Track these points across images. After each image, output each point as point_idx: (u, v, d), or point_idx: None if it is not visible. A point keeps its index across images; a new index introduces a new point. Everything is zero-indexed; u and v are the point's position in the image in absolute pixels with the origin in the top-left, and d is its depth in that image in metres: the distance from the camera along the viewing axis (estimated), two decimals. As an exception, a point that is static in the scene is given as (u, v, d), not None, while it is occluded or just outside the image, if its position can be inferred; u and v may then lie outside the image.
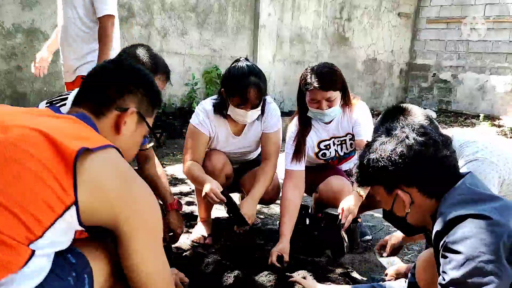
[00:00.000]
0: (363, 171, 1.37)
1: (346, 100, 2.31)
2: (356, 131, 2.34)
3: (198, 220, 2.52)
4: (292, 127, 2.41)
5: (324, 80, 2.17)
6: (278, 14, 6.58)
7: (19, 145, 0.96)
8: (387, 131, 1.36)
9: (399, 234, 2.05)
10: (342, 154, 2.48)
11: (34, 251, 0.92)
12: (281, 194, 2.34)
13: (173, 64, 5.54)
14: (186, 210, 2.83)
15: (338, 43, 7.61)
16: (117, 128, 1.19)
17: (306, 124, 2.37)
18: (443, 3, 8.26)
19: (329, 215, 2.28)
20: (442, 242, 1.19)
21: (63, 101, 1.78)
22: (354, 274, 2.10)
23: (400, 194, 1.29)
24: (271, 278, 1.88)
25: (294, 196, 2.27)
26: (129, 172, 1.10)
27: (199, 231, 2.44)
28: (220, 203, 2.15)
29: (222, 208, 2.85)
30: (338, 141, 2.44)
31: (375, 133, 1.77)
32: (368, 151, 1.35)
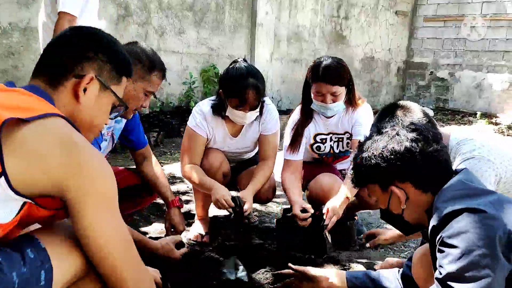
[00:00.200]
0: (358, 171, 1.40)
1: (351, 98, 2.32)
2: (355, 131, 2.35)
3: (195, 218, 2.53)
4: (294, 115, 2.44)
5: (331, 74, 2.18)
6: (275, 13, 6.58)
7: None
8: (378, 130, 1.40)
9: (394, 232, 2.06)
10: (337, 151, 2.49)
11: None
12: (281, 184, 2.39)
13: (170, 63, 5.53)
14: (184, 209, 2.82)
15: (336, 41, 7.62)
16: (76, 96, 1.16)
17: (308, 116, 2.39)
18: (440, 1, 8.27)
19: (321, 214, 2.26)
20: (438, 237, 1.20)
21: None
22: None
23: (395, 190, 1.31)
24: (268, 276, 1.90)
25: (293, 179, 2.34)
26: (74, 139, 1.04)
27: (197, 229, 2.44)
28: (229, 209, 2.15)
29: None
30: (335, 137, 2.45)
31: (370, 130, 1.79)
32: (360, 151, 1.38)
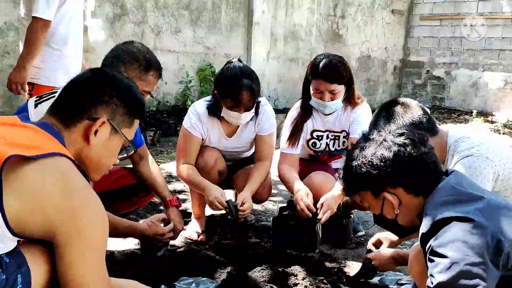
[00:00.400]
0: (349, 180, 1.40)
1: (350, 97, 2.32)
2: (352, 129, 2.35)
3: (192, 217, 2.53)
4: (293, 110, 2.44)
5: (330, 72, 2.17)
6: (272, 12, 6.58)
7: None
8: (364, 137, 1.39)
9: (392, 236, 2.04)
10: (333, 149, 2.49)
11: None
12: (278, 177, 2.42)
13: (167, 62, 5.52)
14: (180, 208, 2.83)
15: (332, 40, 7.63)
16: (86, 137, 1.18)
17: (307, 112, 2.39)
18: (436, 0, 8.30)
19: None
20: (427, 246, 1.21)
21: (53, 95, 1.75)
22: (347, 269, 2.12)
23: (387, 196, 1.31)
24: (264, 274, 1.90)
25: (291, 170, 2.36)
26: (74, 183, 1.04)
27: (193, 228, 2.44)
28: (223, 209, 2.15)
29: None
30: (332, 135, 2.45)
31: (370, 127, 1.79)
32: (349, 160, 1.38)
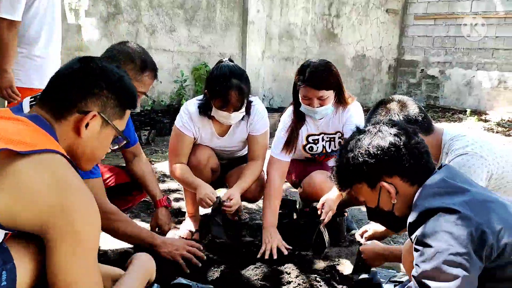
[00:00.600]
0: (343, 173, 1.40)
1: (340, 98, 2.32)
2: (346, 130, 2.34)
3: (186, 216, 2.53)
4: (286, 117, 2.42)
5: (317, 79, 2.16)
6: (266, 11, 6.59)
7: None
8: (358, 130, 1.41)
9: (378, 227, 2.06)
10: (329, 151, 2.49)
11: None
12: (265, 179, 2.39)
13: (161, 61, 5.52)
14: (174, 206, 2.83)
15: (327, 39, 7.64)
16: (77, 130, 1.17)
17: (301, 118, 2.38)
18: (431, -1, 8.34)
19: (315, 210, 2.30)
20: (413, 236, 1.23)
21: None
22: (340, 267, 2.13)
23: (385, 185, 1.32)
24: (257, 272, 1.90)
25: (278, 185, 2.33)
26: (67, 180, 1.03)
27: (187, 226, 2.45)
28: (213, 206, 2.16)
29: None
30: (327, 137, 2.46)
31: (365, 123, 1.80)
32: (344, 152, 1.39)
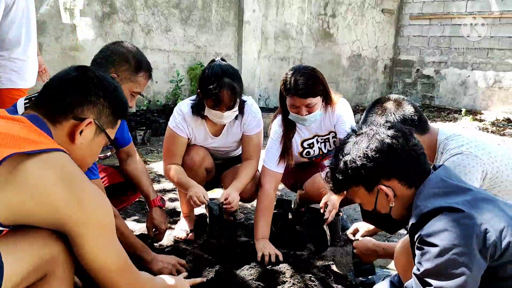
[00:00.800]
0: (340, 176, 1.36)
1: (328, 100, 2.30)
2: (339, 129, 2.34)
3: (180, 216, 2.53)
4: (276, 127, 2.37)
5: (303, 88, 2.13)
6: (262, 10, 6.58)
7: None
8: (354, 132, 1.38)
9: (371, 250, 2.02)
10: (325, 151, 2.49)
11: None
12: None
13: (157, 61, 5.50)
14: (169, 207, 2.83)
15: (323, 39, 7.65)
16: (72, 137, 1.19)
17: (291, 126, 2.35)
18: (426, -1, 8.37)
19: (312, 209, 2.31)
20: (417, 235, 1.22)
21: None
22: (335, 267, 2.13)
23: (383, 188, 1.30)
24: (252, 272, 1.90)
25: (273, 197, 2.30)
26: (76, 175, 1.10)
27: (182, 226, 2.44)
28: (204, 206, 2.17)
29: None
30: (321, 139, 2.45)
31: (361, 123, 1.80)
32: (341, 155, 1.35)
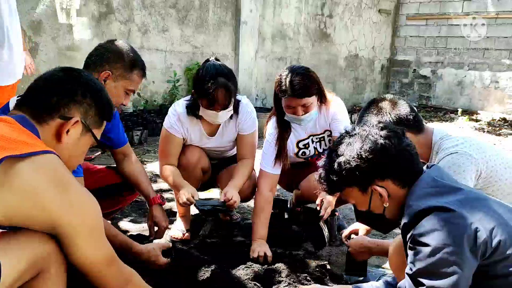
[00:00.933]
0: (334, 177, 1.36)
1: (322, 99, 2.31)
2: (333, 127, 2.35)
3: (177, 216, 2.53)
4: (271, 129, 2.37)
5: (298, 88, 2.13)
6: (259, 11, 6.59)
7: None
8: (347, 133, 1.38)
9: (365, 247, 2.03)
10: (321, 150, 2.50)
11: None
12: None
13: (154, 61, 5.50)
14: (166, 207, 2.80)
15: (320, 39, 7.66)
16: (58, 136, 1.19)
17: (285, 127, 2.35)
18: (422, 0, 8.38)
19: (308, 209, 2.32)
20: (409, 235, 1.23)
21: None
22: (330, 266, 2.14)
23: (377, 189, 1.31)
24: (248, 272, 1.90)
25: (269, 199, 2.30)
26: (67, 178, 1.11)
27: (178, 226, 2.45)
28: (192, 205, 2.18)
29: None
30: (316, 138, 2.46)
31: (357, 123, 1.81)
32: (335, 156, 1.35)
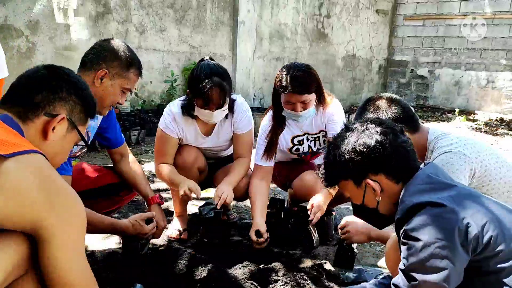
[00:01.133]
0: (330, 169, 1.42)
1: (321, 99, 2.33)
2: (329, 128, 2.37)
3: (174, 216, 2.53)
4: (266, 122, 2.41)
5: (299, 85, 2.16)
6: (257, 11, 6.60)
7: None
8: (346, 128, 1.42)
9: (364, 232, 2.05)
10: (315, 149, 2.51)
11: None
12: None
13: (152, 61, 5.49)
14: (163, 206, 2.81)
15: (318, 39, 7.68)
16: (44, 134, 1.18)
17: (280, 123, 2.38)
18: (420, 0, 8.41)
19: (305, 208, 2.31)
20: (402, 230, 1.25)
21: None
22: (327, 266, 2.14)
23: (370, 183, 1.34)
24: (245, 271, 1.91)
25: (261, 186, 2.33)
26: (52, 178, 1.07)
27: (175, 226, 2.45)
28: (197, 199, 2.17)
29: (198, 203, 2.87)
30: (311, 137, 2.47)
31: (354, 119, 1.82)
32: (332, 149, 1.40)
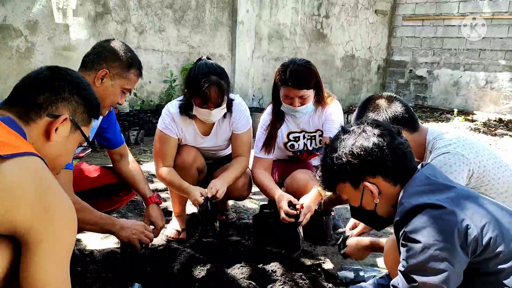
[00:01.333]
0: (328, 172, 1.41)
1: (320, 98, 2.34)
2: (326, 128, 2.38)
3: (172, 216, 2.53)
4: (265, 115, 2.45)
5: (298, 79, 2.18)
6: (256, 11, 6.60)
7: None
8: (343, 130, 1.42)
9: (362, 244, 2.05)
10: (310, 148, 2.52)
11: None
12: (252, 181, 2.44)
13: (151, 61, 5.50)
14: (162, 206, 2.81)
15: (317, 39, 7.68)
16: (47, 135, 1.17)
17: (279, 117, 2.41)
18: (419, 0, 8.41)
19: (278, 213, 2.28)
20: (401, 232, 1.25)
21: None
22: (326, 266, 2.15)
23: (368, 185, 1.33)
24: (243, 271, 1.91)
25: (265, 174, 2.38)
26: (48, 183, 1.06)
27: (174, 226, 2.45)
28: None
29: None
30: (308, 135, 2.48)
31: (354, 120, 1.82)
32: (329, 152, 1.40)
